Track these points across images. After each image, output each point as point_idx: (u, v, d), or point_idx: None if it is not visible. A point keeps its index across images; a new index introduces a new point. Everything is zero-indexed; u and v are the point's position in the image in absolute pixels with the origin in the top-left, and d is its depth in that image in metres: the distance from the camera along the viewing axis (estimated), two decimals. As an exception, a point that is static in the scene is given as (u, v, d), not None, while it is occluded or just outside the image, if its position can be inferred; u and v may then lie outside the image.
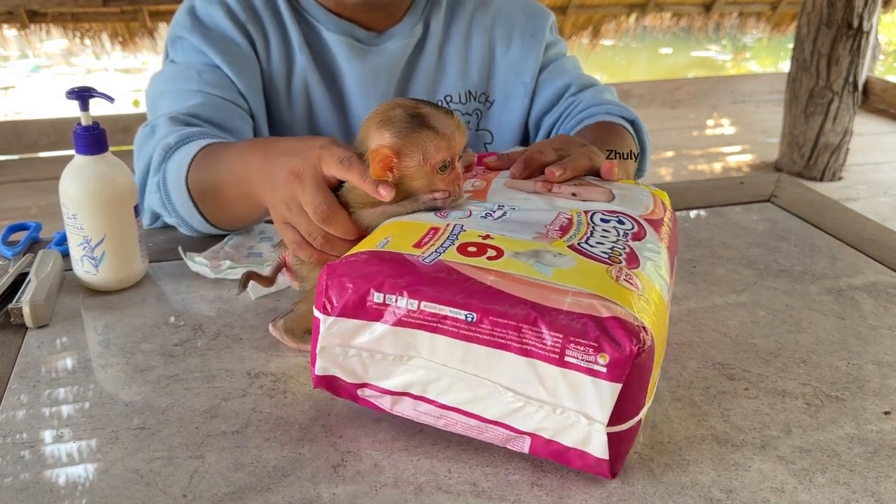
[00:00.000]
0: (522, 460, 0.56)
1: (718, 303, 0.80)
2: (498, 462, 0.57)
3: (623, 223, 0.63)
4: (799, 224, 1.01)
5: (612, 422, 0.51)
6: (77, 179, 0.78)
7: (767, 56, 7.25)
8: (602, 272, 0.55)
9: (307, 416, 0.62)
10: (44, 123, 3.93)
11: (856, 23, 3.43)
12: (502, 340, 0.52)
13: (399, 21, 1.02)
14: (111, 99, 0.77)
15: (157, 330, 0.75)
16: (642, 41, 6.84)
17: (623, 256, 0.58)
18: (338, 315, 0.56)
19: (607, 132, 0.98)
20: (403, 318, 0.54)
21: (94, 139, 0.78)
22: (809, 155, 3.66)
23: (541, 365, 0.52)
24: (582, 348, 0.50)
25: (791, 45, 3.76)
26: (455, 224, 0.61)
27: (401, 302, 0.54)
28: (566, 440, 0.53)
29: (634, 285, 0.55)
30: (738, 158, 4.02)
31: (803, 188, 1.14)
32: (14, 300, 0.76)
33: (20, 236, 0.95)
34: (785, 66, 4.39)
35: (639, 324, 0.51)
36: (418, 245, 0.58)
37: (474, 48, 1.06)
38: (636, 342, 0.50)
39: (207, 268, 0.83)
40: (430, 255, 0.56)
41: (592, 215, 0.64)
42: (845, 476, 0.56)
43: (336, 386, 0.59)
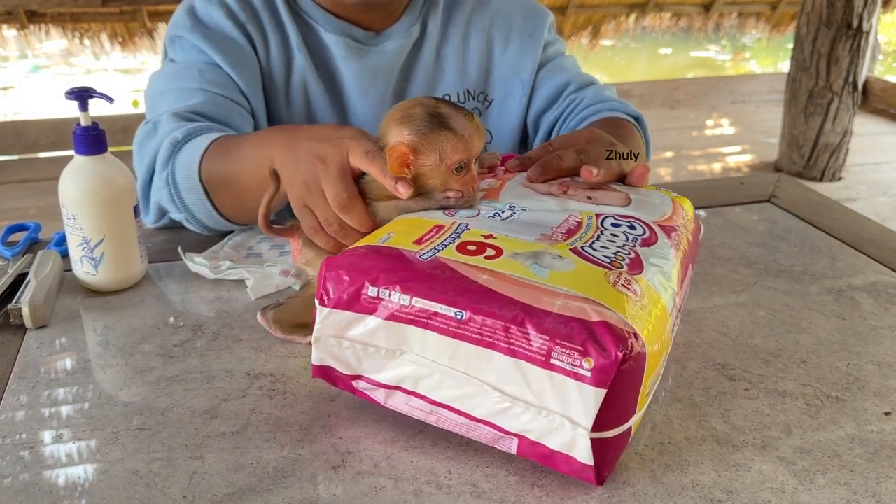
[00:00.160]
0: (523, 461, 0.56)
1: (718, 303, 0.80)
2: (498, 463, 0.57)
3: (634, 228, 0.63)
4: (799, 224, 1.01)
5: (598, 428, 0.51)
6: (76, 180, 0.78)
7: (767, 56, 7.25)
8: (600, 276, 0.55)
9: (307, 417, 0.62)
10: (43, 124, 3.93)
11: (855, 23, 3.44)
12: (490, 340, 0.52)
13: (396, 21, 1.03)
14: (110, 99, 0.77)
15: (157, 331, 0.74)
16: (642, 41, 6.85)
17: (626, 261, 0.58)
18: (333, 307, 0.57)
19: (615, 127, 0.97)
20: (396, 313, 0.55)
21: (94, 139, 0.78)
22: (809, 155, 3.66)
23: (527, 366, 0.52)
24: (568, 351, 0.50)
25: (791, 46, 3.77)
26: (460, 222, 0.61)
27: (394, 297, 0.55)
28: (552, 443, 0.53)
29: (632, 291, 0.54)
30: (738, 158, 4.02)
31: (803, 188, 1.13)
32: (13, 301, 0.76)
33: (19, 237, 0.95)
34: (784, 67, 4.39)
35: (629, 330, 0.51)
36: (419, 242, 0.58)
37: (472, 48, 1.06)
38: (623, 348, 0.49)
39: (207, 268, 0.83)
40: (428, 252, 0.57)
41: (603, 219, 0.63)
42: (846, 477, 0.56)
43: (333, 377, 0.60)
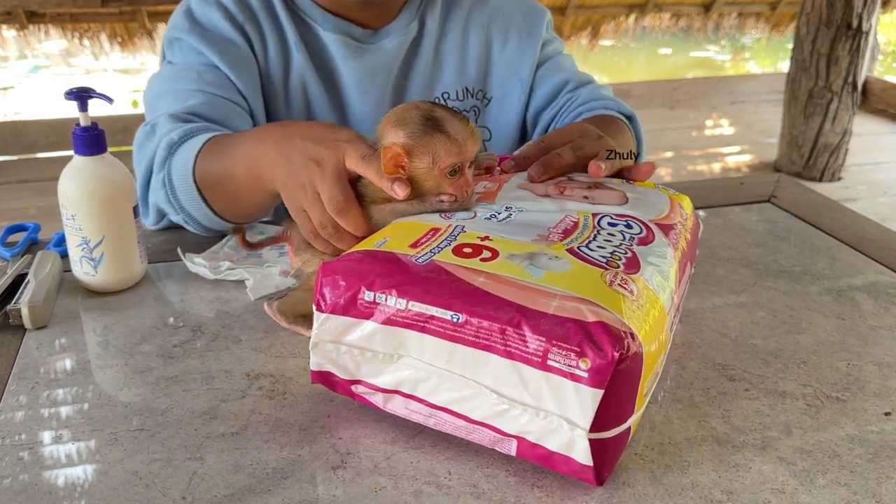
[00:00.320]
0: (523, 462, 0.56)
1: (718, 303, 0.80)
2: (498, 463, 0.56)
3: (631, 227, 0.63)
4: (798, 224, 1.01)
5: (597, 428, 0.51)
6: (76, 180, 0.78)
7: (766, 56, 7.26)
8: (596, 276, 0.55)
9: (307, 418, 0.62)
10: (42, 124, 3.93)
11: (855, 23, 3.44)
12: (487, 342, 0.52)
13: (394, 18, 1.03)
14: (110, 99, 0.77)
15: (156, 331, 0.74)
16: (641, 41, 6.85)
17: (622, 261, 0.58)
18: (330, 312, 0.57)
19: (606, 124, 0.98)
20: (392, 317, 0.55)
21: (93, 140, 0.78)
22: (809, 155, 3.66)
23: (524, 368, 0.51)
24: (564, 352, 0.50)
25: (790, 46, 3.77)
26: (456, 225, 0.61)
27: (390, 301, 0.55)
28: (550, 444, 0.53)
29: (629, 290, 0.54)
30: (738, 159, 4.02)
31: (803, 188, 1.13)
32: (13, 301, 0.76)
33: (19, 237, 0.95)
34: (784, 67, 4.39)
35: (625, 329, 0.51)
36: (414, 245, 0.58)
37: (471, 45, 1.07)
38: (619, 348, 0.49)
39: (206, 269, 0.83)
40: (424, 256, 0.57)
41: (600, 219, 0.63)
42: (846, 477, 0.56)
43: (332, 382, 0.60)
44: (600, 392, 0.50)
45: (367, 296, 0.56)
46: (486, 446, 0.56)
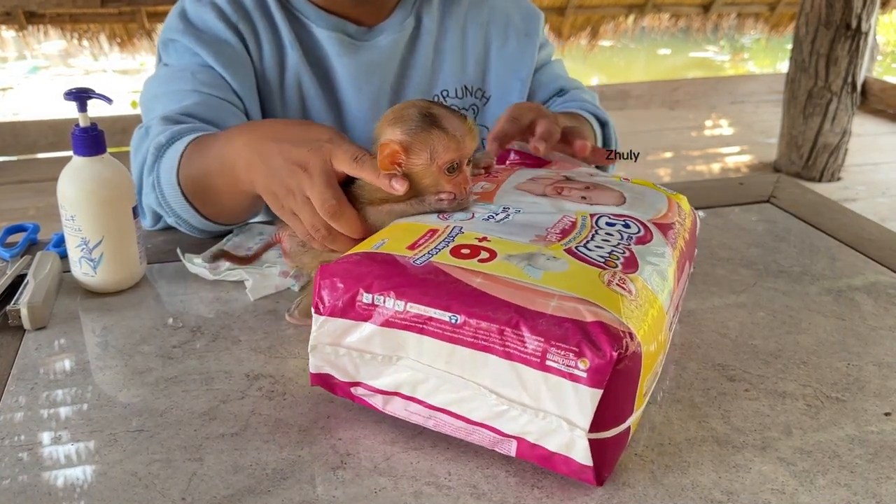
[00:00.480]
0: (523, 462, 0.56)
1: (718, 304, 0.80)
2: (498, 464, 0.56)
3: (629, 227, 0.63)
4: (798, 225, 1.01)
5: (596, 428, 0.51)
6: (75, 181, 0.78)
7: (766, 57, 7.26)
8: (594, 276, 0.55)
9: (306, 419, 0.61)
10: (42, 124, 3.93)
11: (854, 23, 3.44)
12: (485, 343, 0.52)
13: (389, 15, 1.03)
14: (109, 100, 0.77)
15: (156, 332, 0.74)
16: (641, 42, 6.85)
17: (620, 260, 0.58)
18: (328, 314, 0.57)
19: (571, 118, 1.01)
20: (391, 319, 0.55)
21: (93, 140, 0.78)
22: (808, 155, 3.67)
23: (523, 368, 0.51)
24: (563, 353, 0.50)
25: (789, 46, 3.77)
26: (454, 226, 0.61)
27: (388, 303, 0.55)
28: (550, 445, 0.53)
29: (627, 290, 0.54)
30: (737, 159, 4.02)
31: (802, 189, 1.13)
32: (12, 302, 0.75)
33: (18, 238, 0.95)
34: (783, 67, 4.39)
35: (624, 329, 0.51)
36: (412, 247, 0.58)
37: (470, 43, 1.07)
38: (618, 348, 0.49)
39: (206, 269, 0.83)
40: (422, 257, 0.57)
41: (598, 219, 0.63)
42: (846, 477, 0.56)
43: (331, 384, 0.60)
44: (599, 392, 0.50)
45: (366, 298, 0.56)
46: (486, 447, 0.56)
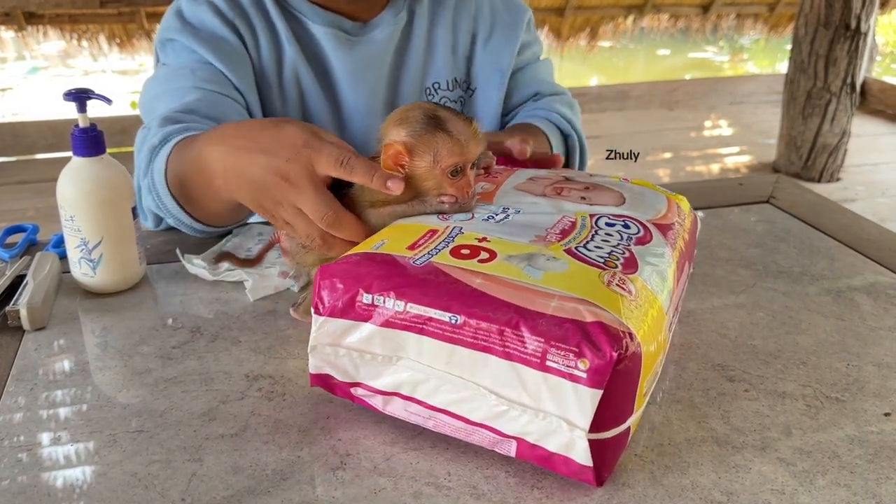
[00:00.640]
0: (522, 463, 0.56)
1: (717, 304, 0.80)
2: (498, 464, 0.56)
3: (628, 227, 0.63)
4: (798, 225, 1.01)
5: (596, 428, 0.51)
6: (74, 181, 0.78)
7: (765, 57, 7.26)
8: (594, 276, 0.55)
9: (306, 419, 0.61)
10: (41, 125, 3.92)
11: (853, 24, 3.44)
12: (485, 343, 0.52)
13: (383, 10, 1.04)
14: (109, 100, 0.77)
15: (155, 332, 0.74)
16: (640, 42, 6.84)
17: (620, 261, 0.58)
18: (328, 315, 0.57)
19: (523, 131, 1.02)
20: (391, 319, 0.55)
21: (92, 141, 0.78)
22: (807, 156, 3.67)
23: (523, 369, 0.51)
24: (563, 353, 0.50)
25: (789, 47, 3.77)
26: (454, 226, 0.61)
27: (388, 303, 0.55)
28: (550, 445, 0.53)
29: (627, 290, 0.54)
30: (736, 159, 4.02)
31: (802, 189, 1.14)
32: (11, 302, 0.75)
33: (17, 238, 0.95)
34: (782, 68, 4.39)
35: (624, 329, 0.51)
36: (412, 247, 0.58)
37: (461, 35, 1.08)
38: (618, 348, 0.49)
39: (205, 270, 0.83)
40: (422, 258, 0.57)
41: (598, 219, 0.63)
42: (846, 478, 0.56)
43: (331, 384, 0.60)
44: (599, 392, 0.50)
45: (366, 298, 0.55)
46: (486, 448, 0.56)
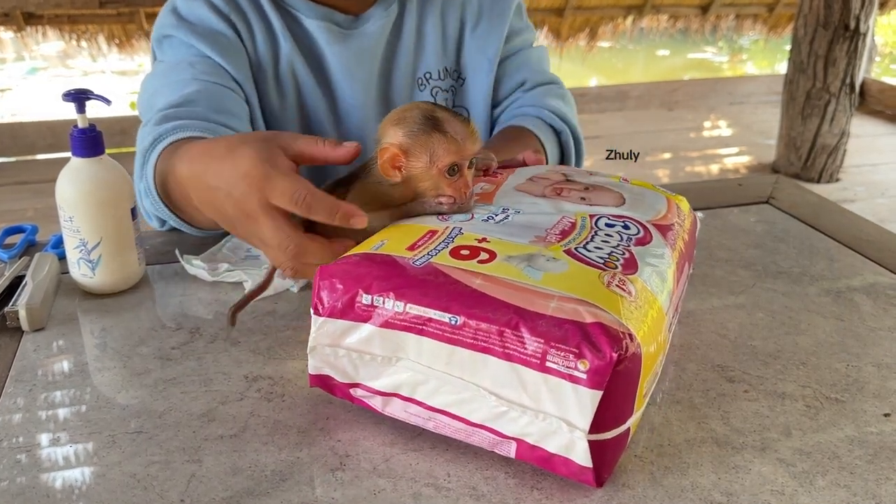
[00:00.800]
0: (522, 464, 0.56)
1: (717, 304, 0.80)
2: (498, 465, 0.56)
3: (628, 228, 0.63)
4: (797, 225, 1.01)
5: (596, 429, 0.51)
6: (73, 182, 0.78)
7: (764, 58, 7.26)
8: (594, 277, 0.55)
9: (305, 420, 0.61)
10: (40, 125, 3.93)
11: (852, 24, 3.44)
12: (485, 344, 0.52)
13: (373, 3, 1.04)
14: (108, 101, 0.77)
15: (154, 333, 0.74)
16: (639, 43, 6.85)
17: (620, 262, 0.57)
18: (327, 315, 0.57)
19: (511, 140, 1.02)
20: (390, 320, 0.55)
21: (91, 141, 0.78)
22: (807, 156, 3.67)
23: (523, 370, 0.51)
24: (562, 354, 0.50)
25: (788, 47, 3.77)
26: (454, 227, 0.61)
27: (388, 304, 0.55)
28: (550, 446, 0.53)
29: (627, 291, 0.54)
30: (736, 160, 4.03)
31: (801, 190, 1.14)
32: (10, 303, 0.75)
33: (16, 239, 0.95)
34: (782, 68, 4.39)
35: (623, 330, 0.50)
36: (412, 248, 0.58)
37: (450, 25, 1.09)
38: (618, 349, 0.49)
39: (205, 270, 0.83)
40: (422, 258, 0.57)
41: (598, 220, 0.63)
42: (846, 478, 0.56)
43: (330, 385, 0.60)
44: (599, 393, 0.50)
45: (365, 299, 0.55)
46: (486, 448, 0.56)
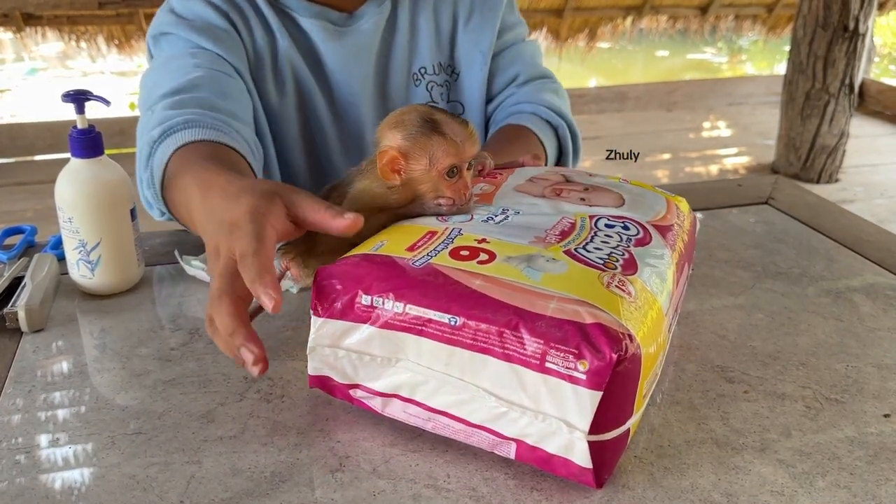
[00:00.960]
0: (522, 465, 0.56)
1: (717, 305, 0.80)
2: (497, 467, 0.56)
3: (628, 228, 0.63)
4: (796, 226, 1.01)
5: (596, 430, 0.51)
6: (73, 183, 0.78)
7: (763, 58, 7.27)
8: (593, 278, 0.55)
9: (305, 421, 0.61)
10: (40, 126, 3.92)
11: (851, 25, 3.44)
12: (485, 345, 0.52)
13: (366, 0, 1.04)
14: (107, 102, 0.77)
15: (154, 334, 0.74)
16: (638, 44, 6.85)
17: (620, 262, 0.57)
18: (327, 316, 0.57)
19: (509, 141, 1.02)
20: (390, 321, 0.55)
21: (90, 142, 0.78)
22: (806, 157, 3.67)
23: (522, 370, 0.51)
24: (562, 354, 0.50)
25: (787, 48, 3.77)
26: (453, 228, 0.61)
27: (387, 304, 0.55)
28: (549, 447, 0.53)
29: (626, 292, 0.54)
30: (735, 161, 4.03)
31: (801, 190, 1.14)
32: (9, 304, 0.75)
33: (16, 240, 0.95)
34: (781, 69, 4.39)
35: (623, 331, 0.50)
36: (411, 248, 0.58)
37: (443, 20, 1.09)
38: (617, 350, 0.49)
39: (204, 271, 0.83)
40: (421, 259, 0.57)
41: (597, 220, 0.63)
42: (846, 479, 0.56)
43: (329, 386, 0.60)
44: (599, 394, 0.50)
45: (365, 300, 0.55)
46: (486, 450, 0.56)
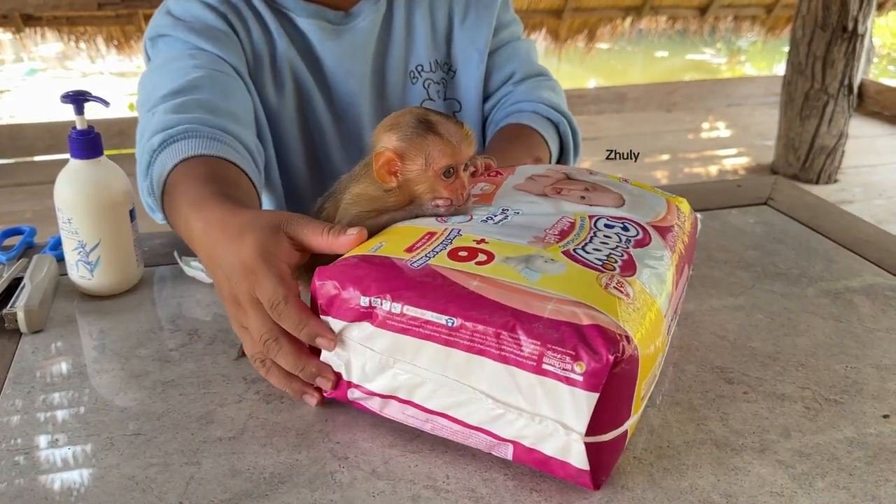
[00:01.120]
0: (521, 466, 0.56)
1: (716, 306, 0.80)
2: (496, 468, 0.56)
3: (627, 229, 0.63)
4: (796, 227, 1.01)
5: (593, 432, 0.51)
6: (72, 184, 0.77)
7: (762, 59, 7.27)
8: (591, 279, 0.55)
9: (304, 422, 0.61)
10: (39, 127, 3.92)
11: (850, 26, 3.45)
12: (481, 346, 0.52)
13: None
14: (106, 103, 0.77)
15: (153, 335, 0.74)
16: (638, 44, 6.85)
17: (618, 263, 0.57)
18: (325, 317, 0.57)
19: (510, 141, 1.02)
20: (388, 322, 0.55)
21: (90, 143, 0.77)
22: (805, 158, 3.67)
23: (518, 372, 0.51)
24: (559, 356, 0.50)
25: (786, 48, 3.77)
26: (452, 229, 0.61)
27: (385, 305, 0.55)
28: (546, 449, 0.53)
29: (625, 293, 0.54)
30: (734, 161, 4.03)
31: (800, 191, 1.14)
32: (8, 305, 0.75)
33: (15, 241, 0.94)
34: (780, 69, 4.40)
35: (621, 332, 0.50)
36: (410, 249, 0.58)
37: (438, 17, 1.09)
38: (614, 351, 0.49)
39: (203, 272, 0.83)
40: (420, 260, 0.57)
41: (597, 220, 0.63)
42: (845, 480, 0.56)
43: None
44: (595, 395, 0.50)
45: (363, 300, 0.55)
46: (484, 451, 0.56)
